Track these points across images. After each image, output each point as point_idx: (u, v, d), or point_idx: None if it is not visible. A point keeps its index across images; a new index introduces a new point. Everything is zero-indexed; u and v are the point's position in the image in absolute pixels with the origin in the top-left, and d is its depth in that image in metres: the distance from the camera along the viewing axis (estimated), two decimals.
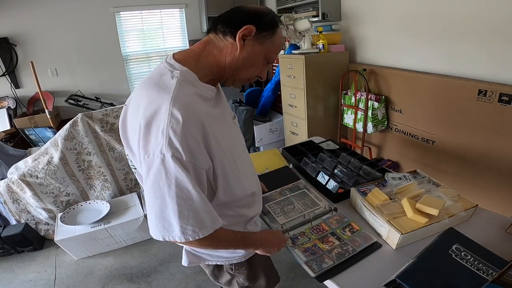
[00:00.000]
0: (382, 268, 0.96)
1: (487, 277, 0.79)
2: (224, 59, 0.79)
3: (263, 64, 0.84)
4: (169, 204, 0.69)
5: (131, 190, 2.63)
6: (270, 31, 0.79)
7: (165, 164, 0.67)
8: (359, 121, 2.67)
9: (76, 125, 2.31)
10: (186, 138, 0.67)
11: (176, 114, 0.67)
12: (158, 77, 0.76)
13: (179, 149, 0.67)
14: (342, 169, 1.54)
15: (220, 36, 0.79)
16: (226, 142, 0.78)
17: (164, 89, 0.72)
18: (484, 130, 1.90)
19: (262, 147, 3.52)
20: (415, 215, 1.07)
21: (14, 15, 3.53)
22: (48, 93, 3.76)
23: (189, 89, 0.73)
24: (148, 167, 0.70)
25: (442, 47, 2.13)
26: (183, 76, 0.74)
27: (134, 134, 0.77)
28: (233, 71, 0.81)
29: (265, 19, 0.78)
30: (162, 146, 0.67)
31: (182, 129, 0.67)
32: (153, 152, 0.68)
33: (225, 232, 0.84)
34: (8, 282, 2.12)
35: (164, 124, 0.67)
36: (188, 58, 0.79)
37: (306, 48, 2.69)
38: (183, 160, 0.67)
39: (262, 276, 1.15)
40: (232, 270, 1.09)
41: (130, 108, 0.82)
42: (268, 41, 0.80)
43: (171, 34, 4.46)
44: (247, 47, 0.78)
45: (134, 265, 2.18)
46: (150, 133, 0.70)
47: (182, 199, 0.69)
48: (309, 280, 1.90)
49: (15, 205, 2.35)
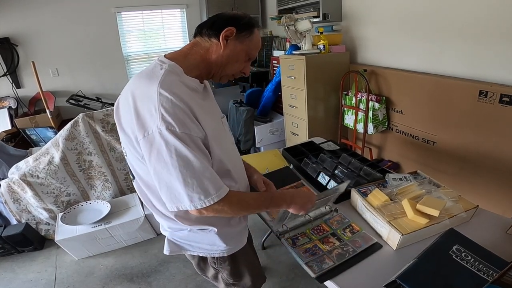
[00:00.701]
0: (382, 269, 0.96)
1: (488, 277, 0.79)
2: (210, 56, 0.90)
3: (245, 60, 0.95)
4: (173, 174, 0.76)
5: (131, 190, 2.63)
6: (248, 31, 0.90)
7: (163, 136, 0.75)
8: (359, 122, 2.67)
9: (77, 125, 2.31)
10: (176, 111, 0.76)
11: (164, 93, 0.77)
12: (149, 70, 0.87)
13: (172, 122, 0.75)
14: (343, 170, 1.54)
15: (205, 38, 0.90)
16: (211, 128, 0.85)
17: (153, 77, 0.82)
18: (484, 131, 1.90)
19: (263, 147, 3.52)
20: (415, 216, 1.07)
21: (16, 15, 3.55)
22: (49, 93, 3.77)
23: (174, 77, 0.83)
24: (149, 143, 0.77)
25: (443, 47, 2.13)
26: (170, 67, 0.85)
27: (127, 118, 0.84)
28: (219, 67, 0.92)
29: (243, 21, 0.89)
30: (157, 122, 0.75)
31: (171, 104, 0.76)
32: (151, 129, 0.76)
33: (244, 195, 0.93)
34: (9, 282, 2.12)
35: (155, 102, 0.76)
36: (177, 56, 0.90)
37: (307, 49, 2.69)
38: (177, 132, 0.75)
39: (247, 275, 1.17)
40: (215, 265, 1.11)
41: (123, 96, 0.91)
42: (248, 40, 0.91)
43: (172, 34, 4.46)
44: (230, 45, 0.89)
45: (135, 265, 2.18)
46: (144, 114, 0.78)
47: (184, 168, 0.76)
48: (309, 281, 1.90)
49: (15, 205, 2.36)
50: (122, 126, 0.88)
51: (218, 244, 1.02)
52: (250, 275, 1.17)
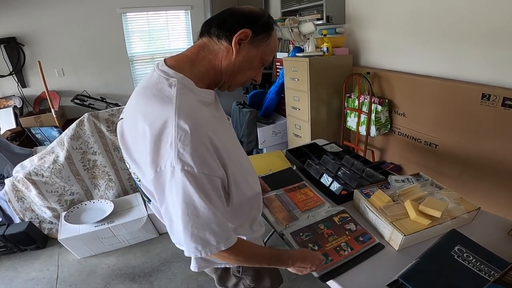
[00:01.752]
0: (384, 269, 0.97)
1: (489, 278, 0.80)
2: (220, 63, 0.77)
3: (259, 66, 0.83)
4: (178, 215, 0.69)
5: (135, 190, 2.65)
6: (266, 34, 0.77)
7: (174, 177, 0.66)
8: (362, 124, 2.68)
9: (82, 124, 2.33)
10: (196, 148, 0.66)
11: (183, 125, 0.66)
12: (154, 87, 0.74)
13: (189, 161, 0.65)
14: (346, 171, 1.55)
15: (214, 39, 0.76)
16: (231, 145, 0.78)
17: (165, 100, 0.70)
18: (487, 134, 1.90)
19: (265, 149, 3.53)
20: (418, 217, 1.08)
21: (23, 15, 3.58)
22: (54, 93, 3.79)
23: (190, 97, 0.72)
24: (158, 180, 0.69)
25: (445, 50, 2.14)
26: (181, 83, 0.72)
27: (137, 147, 0.75)
28: (230, 75, 0.80)
29: (261, 22, 0.76)
30: (172, 159, 0.66)
31: (191, 139, 0.66)
32: (164, 165, 0.67)
33: (254, 248, 0.84)
34: (10, 280, 2.13)
35: (172, 137, 0.66)
36: (182, 64, 0.77)
37: (310, 51, 2.70)
38: (194, 173, 0.66)
39: (267, 277, 1.16)
40: (239, 273, 1.09)
41: (127, 121, 0.80)
42: (264, 44, 0.78)
43: (176, 35, 4.49)
44: (243, 51, 0.76)
45: (137, 264, 2.19)
46: (159, 147, 0.68)
47: (188, 215, 0.68)
48: (311, 281, 1.91)
49: (19, 203, 2.37)
50: (131, 154, 0.79)
51: None
52: (270, 277, 1.16)
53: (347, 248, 1.07)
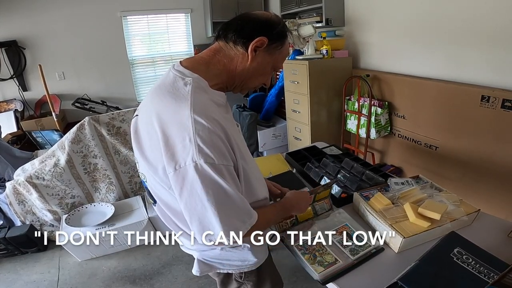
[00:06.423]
0: (384, 271, 0.97)
1: (488, 280, 0.80)
2: (235, 68, 0.80)
3: (270, 72, 0.87)
4: (209, 209, 0.70)
5: (135, 193, 2.65)
6: (280, 42, 0.80)
7: (199, 171, 0.68)
8: (362, 127, 2.68)
9: (83, 128, 2.34)
10: (214, 141, 0.69)
11: (200, 119, 0.68)
12: (170, 85, 0.76)
13: (210, 154, 0.68)
14: (345, 174, 1.55)
15: (230, 44, 0.79)
16: (241, 145, 0.81)
17: (179, 97, 0.73)
18: (487, 136, 1.91)
19: (266, 152, 3.54)
20: (417, 219, 1.08)
21: (24, 19, 3.60)
22: (55, 96, 3.80)
23: (203, 95, 0.74)
24: (182, 178, 0.70)
25: (445, 53, 2.15)
26: (196, 83, 0.75)
27: (151, 144, 0.76)
28: (243, 80, 0.83)
29: (276, 30, 0.79)
30: (193, 154, 0.67)
31: (209, 132, 0.68)
32: (184, 161, 0.68)
33: (266, 212, 0.90)
34: (11, 283, 2.14)
35: (190, 132, 0.68)
36: (198, 66, 0.79)
37: (310, 54, 2.71)
38: (216, 164, 0.68)
39: (269, 282, 1.16)
40: (241, 278, 1.08)
41: (142, 118, 0.82)
42: (278, 52, 0.81)
43: (177, 38, 4.51)
44: (258, 57, 0.79)
45: (137, 267, 2.19)
46: (175, 144, 0.69)
47: (221, 204, 0.70)
48: (311, 284, 1.90)
49: (20, 206, 2.38)
50: (144, 152, 0.79)
51: (250, 259, 0.99)
52: (271, 282, 1.16)
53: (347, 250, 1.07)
